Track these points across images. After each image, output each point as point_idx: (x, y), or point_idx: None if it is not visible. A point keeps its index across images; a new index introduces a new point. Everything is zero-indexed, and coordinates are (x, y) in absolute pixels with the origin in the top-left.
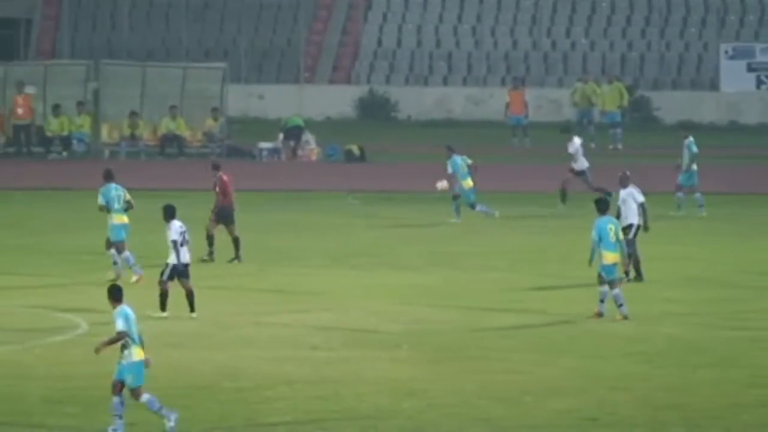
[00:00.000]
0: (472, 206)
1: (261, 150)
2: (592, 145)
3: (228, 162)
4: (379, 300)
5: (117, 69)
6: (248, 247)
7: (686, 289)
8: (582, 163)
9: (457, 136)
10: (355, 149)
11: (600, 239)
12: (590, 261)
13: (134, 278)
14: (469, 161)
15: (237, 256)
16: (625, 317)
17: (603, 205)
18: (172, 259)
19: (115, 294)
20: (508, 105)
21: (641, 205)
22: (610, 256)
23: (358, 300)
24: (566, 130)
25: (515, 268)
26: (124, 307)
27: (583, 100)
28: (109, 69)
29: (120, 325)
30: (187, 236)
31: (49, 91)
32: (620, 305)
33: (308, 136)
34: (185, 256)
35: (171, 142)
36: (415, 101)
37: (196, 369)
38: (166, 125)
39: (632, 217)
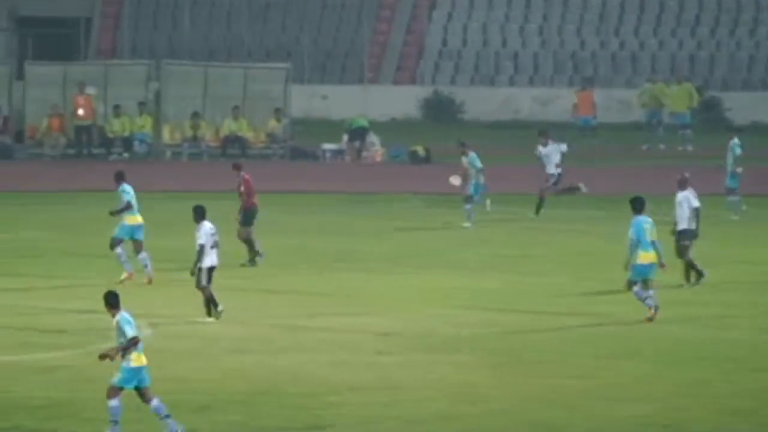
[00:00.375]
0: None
1: (324, 151)
2: (661, 147)
3: (291, 164)
4: (439, 303)
5: (178, 69)
6: (309, 250)
7: (751, 294)
8: (551, 168)
9: (523, 137)
10: (420, 150)
11: (638, 239)
12: (627, 264)
13: (124, 276)
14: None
15: (251, 259)
16: (651, 318)
17: (639, 205)
18: (203, 263)
19: (113, 301)
20: (575, 106)
21: (695, 210)
22: (646, 256)
23: (418, 303)
24: (543, 132)
25: (574, 272)
26: (125, 314)
27: (652, 101)
28: (170, 69)
29: (131, 331)
30: (216, 238)
31: (110, 91)
32: (651, 305)
33: (373, 138)
34: (213, 259)
35: (233, 144)
36: (480, 102)
37: (257, 374)
38: (229, 126)
39: (683, 222)
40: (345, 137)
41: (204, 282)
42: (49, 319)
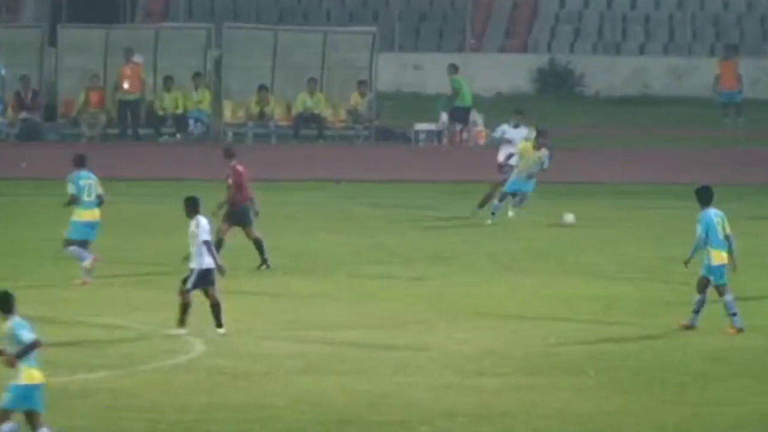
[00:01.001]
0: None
1: (417, 132)
2: None
3: (377, 147)
4: (560, 315)
5: (243, 34)
6: (401, 249)
7: None
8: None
9: (655, 115)
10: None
11: (707, 236)
12: (688, 261)
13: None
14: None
15: (264, 261)
16: (741, 329)
17: (707, 195)
18: (197, 264)
19: (6, 304)
20: (717, 78)
21: None
22: (719, 255)
23: (534, 315)
24: (519, 111)
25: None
26: (17, 318)
27: None
28: (233, 34)
29: (29, 335)
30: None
31: (161, 60)
32: (733, 314)
33: (476, 116)
34: (209, 260)
35: (308, 123)
36: (604, 74)
37: (333, 399)
38: (303, 102)
39: None
40: (444, 116)
41: (191, 285)
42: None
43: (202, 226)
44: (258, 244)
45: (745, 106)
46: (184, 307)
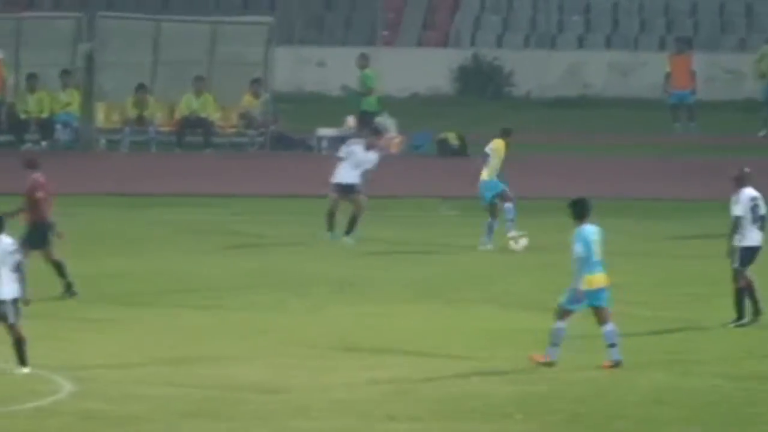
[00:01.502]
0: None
1: (320, 139)
2: None
3: (274, 156)
4: (483, 351)
5: (119, 24)
6: (297, 276)
7: None
8: (345, 175)
9: (595, 118)
10: (451, 138)
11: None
12: (580, 286)
13: None
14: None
15: (67, 287)
16: (617, 363)
17: (583, 209)
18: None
19: None
20: (668, 76)
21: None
22: (595, 279)
23: (453, 351)
24: (370, 124)
25: (671, 305)
26: None
27: None
28: (108, 24)
29: None
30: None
31: (24, 56)
32: (611, 345)
33: (387, 121)
34: (14, 288)
35: (194, 128)
36: (537, 71)
37: None
38: (188, 104)
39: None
40: (350, 120)
41: (11, 319)
42: None
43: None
44: (59, 268)
45: (699, 109)
46: (17, 342)
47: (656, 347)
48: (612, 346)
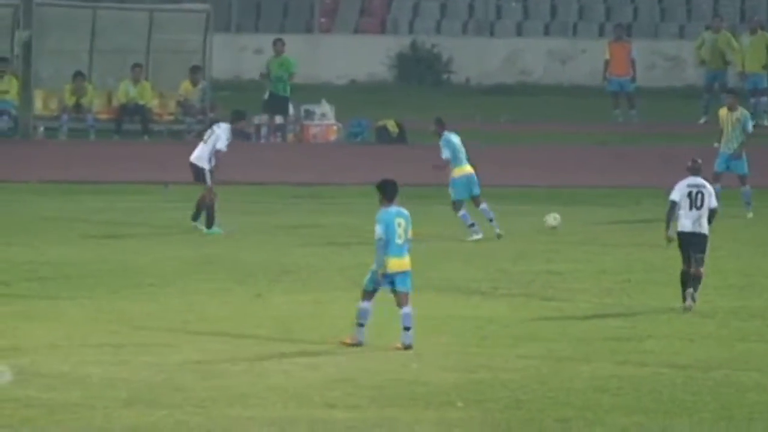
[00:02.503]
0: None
1: (258, 126)
2: (766, 123)
3: None
4: (423, 338)
5: (57, 12)
6: (235, 264)
7: None
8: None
9: (534, 105)
10: (390, 126)
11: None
12: (382, 269)
13: None
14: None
15: None
16: (408, 347)
17: (390, 190)
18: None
19: None
20: (607, 63)
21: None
22: (397, 263)
23: (392, 338)
24: (239, 114)
25: (612, 293)
26: None
27: (713, 58)
28: (45, 12)
29: None
30: None
31: None
32: (405, 328)
33: (324, 107)
34: None
35: (132, 116)
36: (476, 58)
37: None
38: (126, 92)
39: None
40: (290, 107)
41: None
42: None
43: None
44: None
45: (638, 96)
46: None
47: (598, 335)
48: (406, 329)
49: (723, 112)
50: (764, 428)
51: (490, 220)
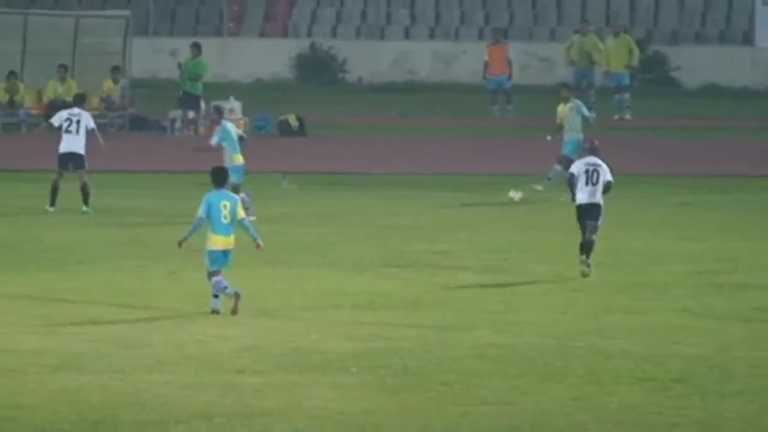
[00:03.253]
0: (236, 190)
1: (173, 120)
2: (593, 115)
3: (131, 136)
4: (321, 311)
5: None
6: (147, 244)
7: (709, 298)
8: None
9: (421, 102)
10: (291, 120)
11: (209, 218)
12: (182, 242)
13: None
14: (240, 131)
15: None
16: (217, 312)
17: (220, 176)
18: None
19: None
20: (487, 64)
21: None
22: (220, 240)
23: (294, 310)
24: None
25: (491, 270)
26: None
27: (581, 58)
28: None
29: None
30: None
31: None
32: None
33: (233, 103)
34: None
35: (60, 110)
36: (368, 59)
37: (87, 399)
38: (54, 89)
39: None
40: (201, 102)
41: None
42: None
43: None
44: None
45: (514, 93)
46: None
47: (478, 308)
48: (216, 296)
49: (560, 107)
50: (628, 391)
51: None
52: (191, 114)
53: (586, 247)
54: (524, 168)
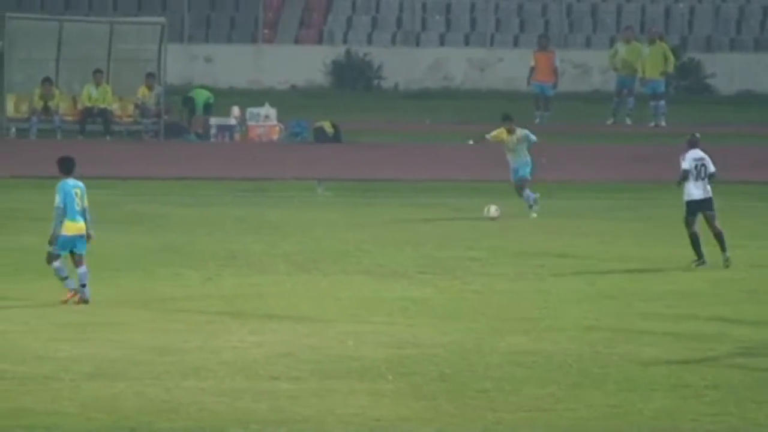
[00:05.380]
0: None
1: (209, 127)
2: (628, 122)
3: (167, 143)
4: (358, 317)
5: (26, 24)
6: (189, 251)
7: (744, 304)
8: None
9: (456, 109)
10: (327, 126)
11: (65, 206)
12: (53, 238)
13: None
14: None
15: None
16: (86, 301)
17: (67, 165)
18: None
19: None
20: (532, 70)
21: (712, 175)
22: (73, 226)
23: (330, 317)
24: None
25: (526, 276)
26: None
27: (625, 66)
28: (16, 24)
29: None
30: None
31: None
32: (82, 285)
33: (268, 110)
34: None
35: (95, 117)
36: (403, 66)
37: (122, 406)
38: (89, 95)
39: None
40: (235, 109)
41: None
42: None
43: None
44: None
45: (553, 101)
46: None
47: (514, 314)
48: (83, 286)
49: (504, 135)
50: (663, 398)
51: None
52: (226, 120)
53: (719, 242)
54: (558, 175)
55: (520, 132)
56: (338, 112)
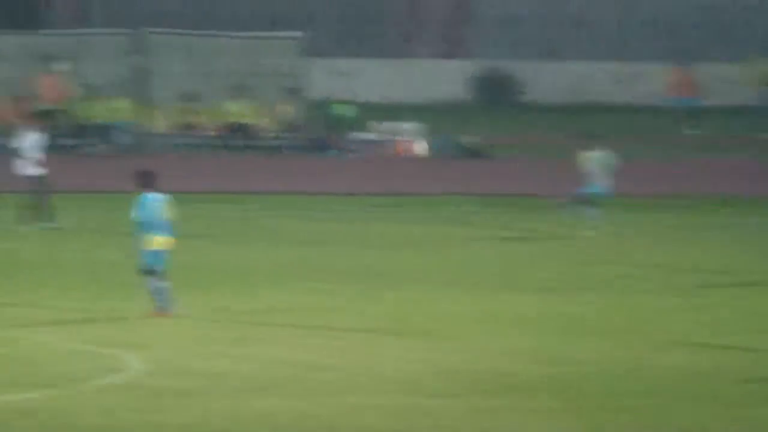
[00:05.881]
0: None
1: (351, 142)
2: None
3: (306, 157)
4: (514, 334)
5: (167, 40)
6: (346, 266)
7: None
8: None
9: (601, 123)
10: (471, 141)
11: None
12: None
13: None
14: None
15: None
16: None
17: (148, 179)
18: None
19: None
20: (675, 84)
21: None
22: (158, 241)
23: (485, 334)
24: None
25: (684, 292)
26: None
27: None
28: (157, 40)
29: None
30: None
31: (82, 68)
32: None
33: (412, 125)
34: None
35: (237, 132)
36: (546, 80)
37: (279, 422)
38: (231, 110)
39: None
40: (376, 125)
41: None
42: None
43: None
44: None
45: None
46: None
47: (670, 330)
48: (163, 298)
49: (586, 155)
50: None
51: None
52: (369, 136)
53: None
54: (710, 187)
55: (599, 152)
56: (481, 127)
